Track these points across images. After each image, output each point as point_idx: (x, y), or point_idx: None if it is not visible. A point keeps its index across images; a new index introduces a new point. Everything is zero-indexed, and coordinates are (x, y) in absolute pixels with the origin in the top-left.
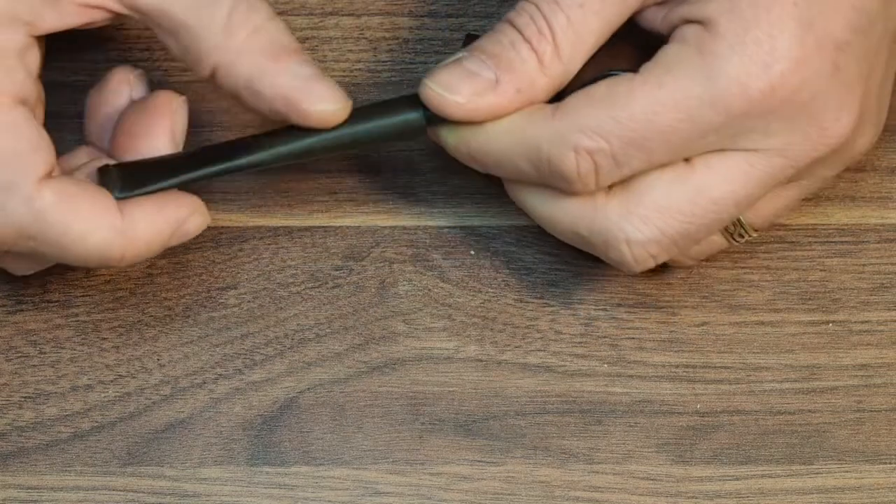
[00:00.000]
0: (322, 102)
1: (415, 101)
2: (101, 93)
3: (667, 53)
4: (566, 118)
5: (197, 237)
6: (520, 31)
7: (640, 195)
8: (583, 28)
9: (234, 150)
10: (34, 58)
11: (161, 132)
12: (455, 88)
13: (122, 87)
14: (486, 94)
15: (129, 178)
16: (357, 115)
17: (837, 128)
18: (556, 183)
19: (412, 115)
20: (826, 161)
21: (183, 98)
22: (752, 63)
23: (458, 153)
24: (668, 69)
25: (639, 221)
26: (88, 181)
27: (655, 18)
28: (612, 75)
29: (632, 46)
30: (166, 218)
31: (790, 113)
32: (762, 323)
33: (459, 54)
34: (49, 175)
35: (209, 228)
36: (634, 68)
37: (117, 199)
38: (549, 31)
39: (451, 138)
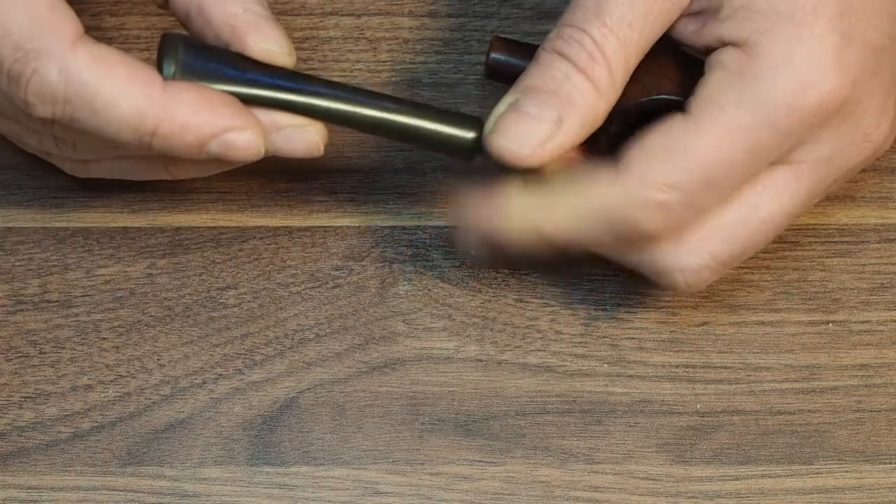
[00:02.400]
0: (267, 41)
1: (475, 123)
2: None
3: (710, 85)
4: (633, 177)
5: (197, 237)
6: (571, 61)
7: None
8: (631, 47)
9: (302, 84)
10: None
11: None
12: (523, 141)
13: None
14: (554, 137)
15: (189, 58)
16: (419, 110)
17: (879, 132)
18: (633, 238)
19: (466, 135)
20: (863, 163)
21: None
22: (800, 82)
23: (524, 237)
24: (717, 104)
25: (691, 250)
26: (130, 56)
27: (686, 30)
28: (657, 99)
29: (667, 60)
30: (213, 114)
31: (837, 123)
32: (762, 323)
33: (512, 97)
34: (81, 39)
35: (209, 228)
36: (674, 84)
37: (166, 78)
38: (601, 56)
39: (516, 225)
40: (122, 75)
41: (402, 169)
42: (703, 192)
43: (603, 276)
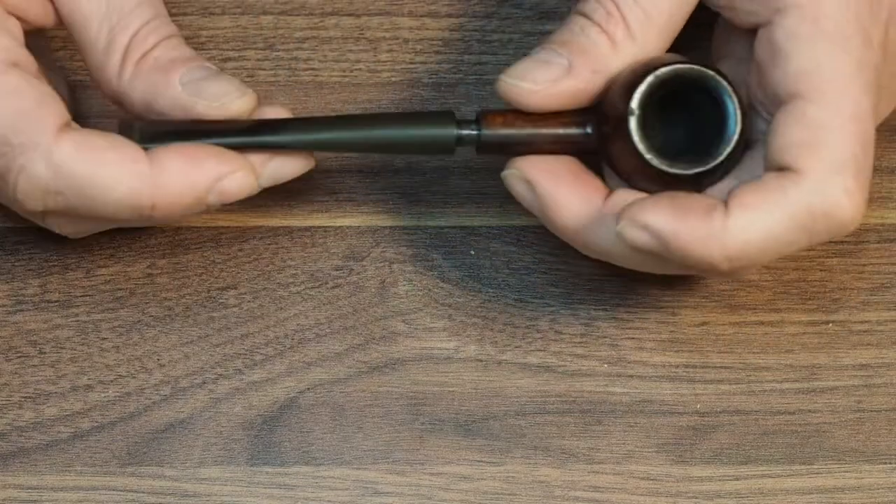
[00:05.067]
0: (213, 99)
1: (449, 119)
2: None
3: (804, 58)
4: (813, 176)
5: (197, 237)
6: (588, 17)
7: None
8: (651, 7)
9: (263, 128)
10: (14, 25)
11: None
12: (529, 77)
13: None
14: (563, 80)
15: (151, 137)
16: (390, 119)
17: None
18: (830, 233)
19: (444, 131)
20: None
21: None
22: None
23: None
24: (825, 72)
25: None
26: (112, 133)
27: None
28: (661, 73)
29: None
30: (201, 170)
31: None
32: (762, 323)
33: (533, 50)
34: (65, 127)
35: (209, 228)
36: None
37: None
38: (617, 12)
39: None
40: (111, 160)
41: (402, 169)
42: (867, 147)
43: (603, 276)
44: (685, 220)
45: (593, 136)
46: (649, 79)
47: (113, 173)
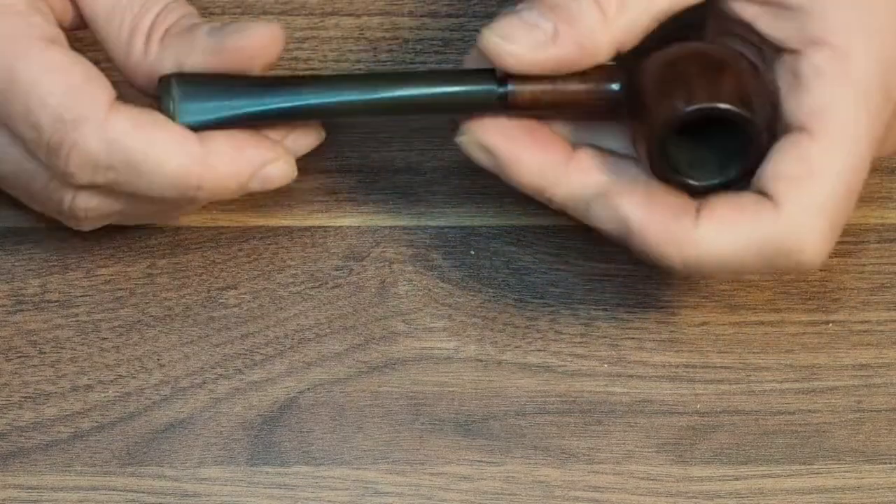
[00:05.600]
0: (246, 34)
1: (488, 75)
2: None
3: (819, 95)
4: (788, 212)
5: (197, 237)
6: None
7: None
8: None
9: (296, 85)
10: (46, 7)
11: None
12: (513, 38)
13: None
14: (546, 47)
15: (188, 96)
16: (429, 76)
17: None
18: (788, 266)
19: (487, 88)
20: None
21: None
22: (886, 60)
23: (672, 265)
24: (836, 114)
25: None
26: (158, 113)
27: (760, 20)
28: (693, 111)
29: (696, 64)
30: (248, 155)
31: None
32: (762, 323)
33: (520, 6)
34: (115, 103)
35: (209, 228)
36: (706, 90)
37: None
38: None
39: (671, 255)
40: (163, 137)
41: (402, 169)
42: (852, 198)
43: (603, 276)
44: (654, 216)
45: (622, 95)
46: (674, 119)
47: (165, 150)
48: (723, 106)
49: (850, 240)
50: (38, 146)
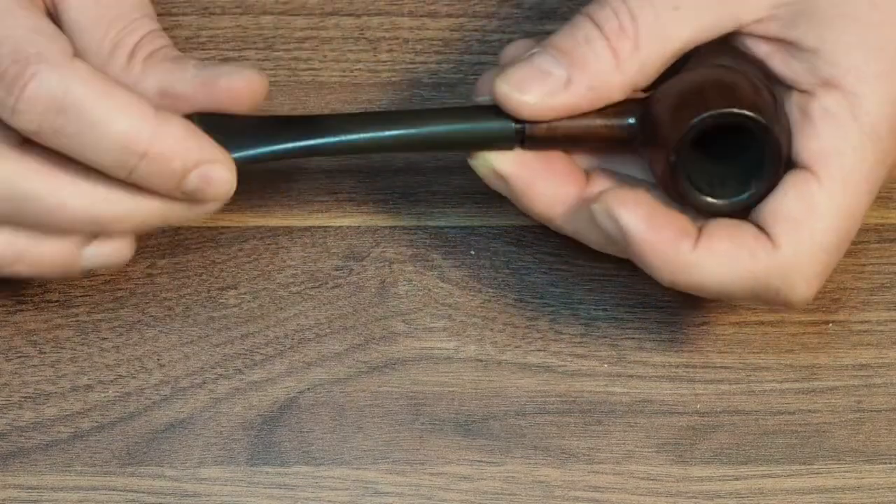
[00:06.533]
0: (238, 72)
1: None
2: None
3: (827, 138)
4: (786, 252)
5: (197, 237)
6: (598, 26)
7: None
8: (671, 31)
9: (320, 125)
10: None
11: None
12: (526, 88)
13: None
14: (558, 94)
15: (210, 134)
16: (446, 114)
17: None
18: (778, 301)
19: (503, 125)
20: None
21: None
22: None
23: (667, 281)
24: (841, 158)
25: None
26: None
27: (773, 59)
28: (707, 116)
29: (708, 78)
30: (199, 143)
31: None
32: (762, 323)
33: (533, 50)
34: (79, 56)
35: (209, 228)
36: (721, 99)
37: None
38: (632, 28)
39: (665, 273)
40: (120, 94)
41: (402, 169)
42: (847, 242)
43: (603, 276)
44: (654, 233)
45: (637, 128)
46: (691, 129)
47: (121, 106)
48: (737, 111)
49: None
50: None
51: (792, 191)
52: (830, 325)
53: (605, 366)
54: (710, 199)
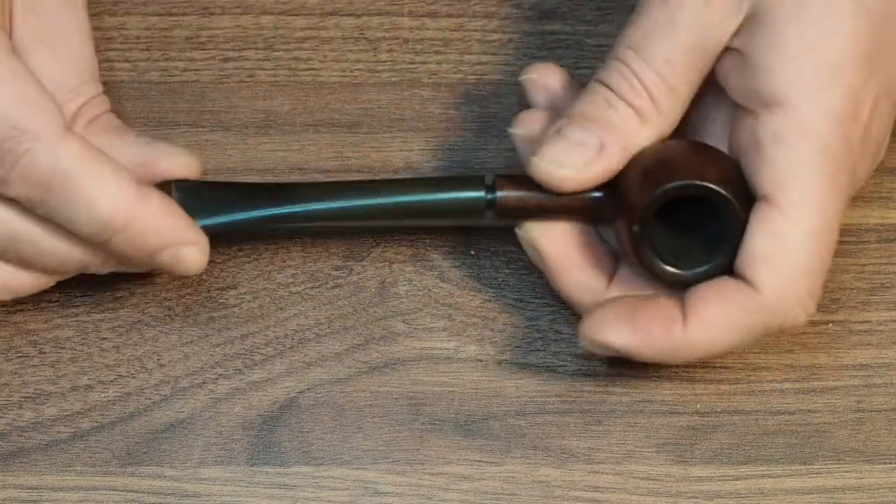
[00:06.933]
0: (176, 156)
1: (477, 182)
2: None
3: (783, 164)
4: (771, 295)
5: None
6: (613, 90)
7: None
8: (675, 80)
9: (295, 194)
10: (6, 22)
11: None
12: (565, 163)
13: None
14: (595, 162)
15: (186, 202)
16: (419, 184)
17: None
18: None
19: (474, 195)
20: None
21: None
22: (843, 116)
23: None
24: (800, 182)
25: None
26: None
27: (728, 78)
28: (670, 188)
29: (673, 149)
30: (175, 223)
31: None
32: None
33: (559, 124)
34: (69, 128)
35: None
36: (685, 170)
37: None
38: (642, 87)
39: (656, 353)
40: (106, 174)
41: (402, 169)
42: (827, 257)
43: None
44: (645, 335)
45: (604, 200)
46: (655, 199)
47: (105, 185)
48: (700, 183)
49: (850, 240)
50: None
51: (758, 230)
52: (830, 325)
53: (605, 366)
54: (674, 270)
